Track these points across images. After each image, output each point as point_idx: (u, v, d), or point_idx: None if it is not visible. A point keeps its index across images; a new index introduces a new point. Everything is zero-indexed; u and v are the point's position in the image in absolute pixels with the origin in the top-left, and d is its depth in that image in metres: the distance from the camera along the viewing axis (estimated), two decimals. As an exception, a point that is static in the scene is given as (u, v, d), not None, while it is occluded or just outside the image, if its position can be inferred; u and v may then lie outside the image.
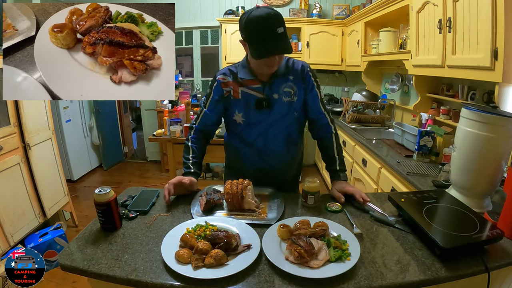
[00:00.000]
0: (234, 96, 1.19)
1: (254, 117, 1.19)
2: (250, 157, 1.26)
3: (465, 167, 1.06)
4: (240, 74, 1.17)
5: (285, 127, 1.22)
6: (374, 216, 0.98)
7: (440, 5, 1.65)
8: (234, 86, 1.18)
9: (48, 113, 2.37)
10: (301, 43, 3.64)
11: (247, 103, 1.18)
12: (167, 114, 2.71)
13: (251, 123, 1.21)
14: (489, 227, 0.84)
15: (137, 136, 5.55)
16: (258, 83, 1.16)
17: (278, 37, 1.01)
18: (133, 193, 1.13)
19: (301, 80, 1.18)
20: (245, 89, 1.17)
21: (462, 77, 1.57)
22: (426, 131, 1.69)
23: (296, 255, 0.74)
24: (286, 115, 1.19)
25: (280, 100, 1.17)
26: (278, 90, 1.16)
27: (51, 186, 2.37)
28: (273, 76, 1.15)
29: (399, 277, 0.72)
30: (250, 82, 1.16)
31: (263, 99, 1.16)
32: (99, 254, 0.79)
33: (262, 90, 1.16)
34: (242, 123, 1.22)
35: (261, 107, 1.17)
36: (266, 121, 1.19)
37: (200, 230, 0.84)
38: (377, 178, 1.96)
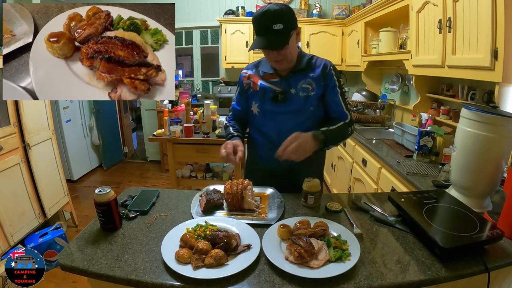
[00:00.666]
0: (253, 88, 1.25)
1: (269, 108, 1.22)
2: (265, 149, 1.25)
3: (465, 167, 1.06)
4: (261, 68, 1.25)
5: (301, 122, 1.20)
6: (374, 216, 0.98)
7: (440, 5, 1.65)
8: (254, 78, 1.25)
9: (48, 113, 2.37)
10: (301, 43, 3.64)
11: (264, 95, 1.22)
12: (167, 114, 2.71)
13: (266, 114, 1.24)
14: (489, 227, 0.84)
15: (137, 136, 5.55)
16: (277, 77, 1.20)
17: (272, 33, 1.04)
18: (133, 193, 1.14)
19: (321, 78, 1.19)
20: (264, 82, 1.22)
21: (462, 77, 1.57)
22: (426, 131, 1.69)
23: (296, 255, 0.74)
24: (301, 109, 1.20)
25: (297, 95, 1.19)
26: (296, 85, 1.19)
27: (51, 186, 2.37)
28: (292, 71, 1.19)
29: (399, 277, 0.72)
30: (270, 76, 1.22)
31: (279, 93, 1.19)
32: (99, 254, 0.79)
33: (280, 84, 1.20)
34: (257, 114, 1.26)
35: (276, 100, 1.20)
36: (280, 113, 1.21)
37: (200, 230, 0.84)
38: (377, 178, 1.96)
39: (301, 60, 1.20)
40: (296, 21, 1.11)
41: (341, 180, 2.85)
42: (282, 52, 1.10)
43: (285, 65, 1.16)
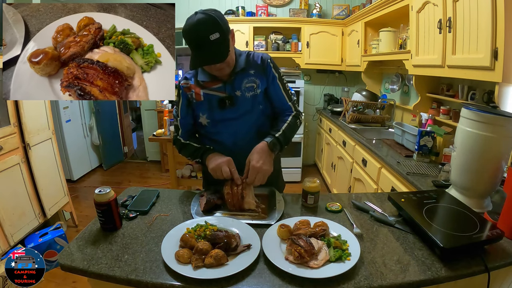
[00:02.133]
0: (196, 99, 1.16)
1: (219, 116, 1.17)
2: None
3: (465, 167, 1.06)
4: (199, 77, 1.14)
5: (253, 123, 1.19)
6: (374, 216, 0.99)
7: (440, 5, 1.65)
8: (195, 89, 1.15)
9: (48, 113, 2.37)
10: (301, 43, 3.64)
11: (210, 104, 1.16)
12: (167, 114, 2.71)
13: (216, 123, 1.18)
14: (489, 227, 0.84)
15: (137, 136, 5.55)
16: (219, 82, 1.13)
17: (211, 44, 0.95)
18: (133, 193, 1.14)
19: (262, 72, 1.16)
20: (207, 91, 1.15)
21: (462, 77, 1.57)
22: (426, 131, 1.68)
23: (296, 255, 0.74)
24: (251, 110, 1.17)
25: (243, 96, 1.14)
26: (240, 86, 1.14)
27: (51, 186, 2.36)
28: (232, 73, 1.12)
29: (399, 277, 0.72)
30: (211, 83, 1.14)
31: (225, 98, 1.14)
32: (99, 254, 0.79)
33: (224, 89, 1.13)
34: (207, 124, 1.20)
35: (224, 106, 1.14)
36: (232, 119, 1.17)
37: (200, 230, 0.84)
38: (377, 178, 1.96)
39: (238, 59, 1.13)
40: (227, 23, 1.01)
41: (341, 180, 2.85)
42: (222, 65, 1.04)
43: (227, 70, 1.09)
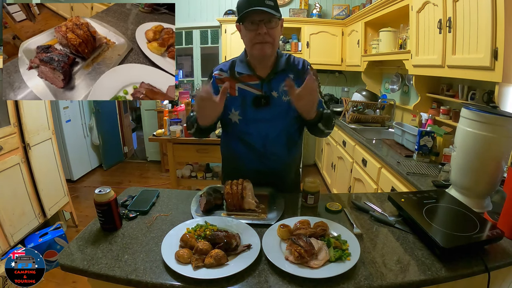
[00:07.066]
0: (230, 93, 1.11)
1: (252, 115, 1.12)
2: (249, 159, 1.19)
3: (465, 167, 1.06)
4: (237, 68, 1.11)
5: (285, 128, 1.15)
6: (374, 216, 0.98)
7: (440, 5, 1.65)
8: (230, 82, 1.10)
9: (48, 113, 2.37)
10: (301, 43, 3.64)
11: (244, 100, 1.12)
12: (167, 114, 2.71)
13: (248, 122, 1.14)
14: (489, 227, 0.84)
15: (137, 136, 5.55)
16: (256, 79, 1.11)
17: (265, 6, 0.96)
18: (133, 193, 1.13)
19: (301, 78, 1.12)
20: (242, 86, 1.11)
21: (462, 77, 1.57)
22: (426, 131, 1.69)
23: (296, 255, 0.74)
24: (285, 115, 1.13)
25: (280, 99, 1.11)
26: (277, 88, 1.11)
27: (51, 186, 2.36)
28: (272, 72, 1.10)
29: (399, 277, 0.72)
30: (248, 78, 1.11)
31: (261, 96, 1.10)
32: (99, 254, 0.79)
33: (261, 87, 1.10)
34: (238, 122, 1.15)
35: (259, 104, 1.10)
36: (265, 121, 1.13)
37: (200, 230, 0.84)
38: (377, 178, 1.96)
39: (279, 59, 1.12)
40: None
41: (341, 180, 2.85)
42: (271, 32, 1.01)
43: (269, 50, 1.04)
